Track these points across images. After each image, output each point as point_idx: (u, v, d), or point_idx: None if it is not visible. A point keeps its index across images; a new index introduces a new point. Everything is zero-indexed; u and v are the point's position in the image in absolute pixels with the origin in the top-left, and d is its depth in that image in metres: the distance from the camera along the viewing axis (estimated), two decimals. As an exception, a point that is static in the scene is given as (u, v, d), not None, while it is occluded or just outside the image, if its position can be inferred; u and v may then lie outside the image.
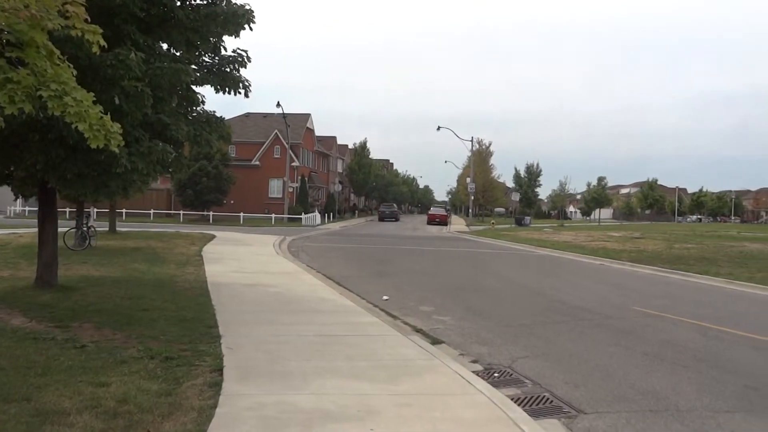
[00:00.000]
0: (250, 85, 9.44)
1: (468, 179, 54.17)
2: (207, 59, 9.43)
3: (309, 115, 58.74)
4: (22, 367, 5.36)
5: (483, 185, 61.90)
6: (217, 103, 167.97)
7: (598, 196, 73.84)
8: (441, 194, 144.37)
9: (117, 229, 24.08)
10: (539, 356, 7.20)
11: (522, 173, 73.13)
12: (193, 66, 9.01)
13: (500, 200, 76.09)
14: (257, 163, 51.58)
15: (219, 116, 9.81)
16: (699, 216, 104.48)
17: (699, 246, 25.30)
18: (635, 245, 26.15)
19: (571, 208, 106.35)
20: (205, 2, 8.83)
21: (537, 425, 4.69)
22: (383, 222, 56.20)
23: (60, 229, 10.76)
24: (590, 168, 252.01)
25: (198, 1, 8.82)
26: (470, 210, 58.69)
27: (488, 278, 15.71)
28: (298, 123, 54.64)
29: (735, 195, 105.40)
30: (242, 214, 43.43)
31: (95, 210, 30.92)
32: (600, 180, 77.02)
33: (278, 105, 43.86)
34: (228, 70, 9.32)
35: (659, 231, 40.28)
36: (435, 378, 5.79)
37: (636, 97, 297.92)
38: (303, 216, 43.94)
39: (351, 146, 78.49)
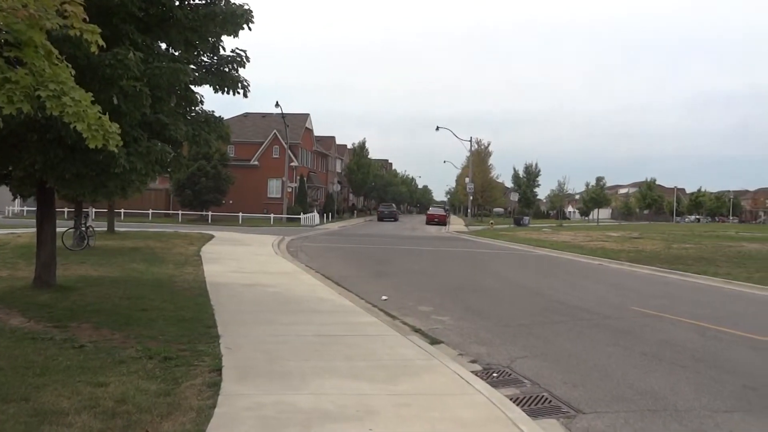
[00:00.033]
0: (249, 85, 9.44)
1: (467, 179, 54.21)
2: (206, 59, 9.43)
3: (308, 115, 58.76)
4: (21, 367, 5.35)
5: (482, 185, 61.90)
6: (216, 103, 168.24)
7: (597, 197, 73.93)
8: (440, 194, 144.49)
9: (115, 229, 24.06)
10: (538, 356, 7.21)
11: (521, 173, 73.20)
12: (192, 66, 9.00)
13: (499, 200, 76.04)
14: (256, 163, 51.58)
15: (218, 116, 9.80)
16: (697, 216, 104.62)
17: (697, 246, 25.33)
18: (634, 245, 26.17)
19: (570, 208, 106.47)
20: (204, 2, 8.82)
21: (536, 425, 4.69)
22: (382, 222, 56.20)
23: (58, 229, 10.76)
24: (590, 168, 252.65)
25: (197, 1, 8.81)
26: (469, 210, 58.69)
27: (487, 278, 15.72)
28: (297, 123, 54.65)
29: (733, 195, 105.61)
30: (241, 214, 43.40)
31: (93, 210, 30.92)
32: (598, 180, 77.15)
33: (277, 105, 43.83)
34: (227, 70, 9.31)
35: (657, 231, 40.31)
36: (434, 378, 5.79)
37: (636, 97, 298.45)
38: (302, 216, 43.91)
39: (350, 146, 78.49)
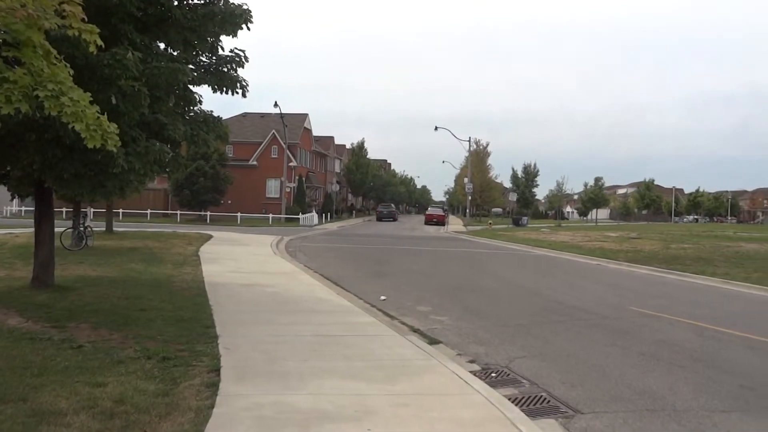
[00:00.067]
0: (248, 85, 9.44)
1: (465, 179, 54.23)
2: (204, 59, 9.43)
3: (306, 115, 58.75)
4: (19, 368, 5.34)
5: (480, 185, 61.93)
6: (215, 103, 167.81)
7: (595, 197, 73.97)
8: (438, 194, 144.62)
9: (114, 229, 24.03)
10: (536, 356, 7.22)
11: (519, 173, 73.27)
12: (191, 66, 8.99)
13: (498, 200, 76.10)
14: (254, 163, 51.54)
15: (216, 116, 9.79)
16: (695, 216, 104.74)
17: (695, 246, 25.36)
18: (632, 245, 26.20)
19: (569, 209, 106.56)
20: (203, 2, 8.82)
21: (534, 425, 4.70)
22: (381, 222, 56.22)
23: (57, 229, 10.76)
24: (589, 168, 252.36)
25: (195, 1, 8.81)
26: (468, 210, 58.69)
27: (485, 278, 15.73)
28: (296, 123, 54.63)
29: (731, 195, 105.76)
30: (239, 214, 43.37)
31: (92, 210, 30.89)
32: (597, 180, 77.18)
33: (276, 105, 43.80)
34: (225, 70, 9.31)
35: (656, 231, 40.35)
36: (432, 378, 5.79)
37: (635, 97, 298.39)
38: (300, 216, 43.89)
39: (349, 146, 78.49)
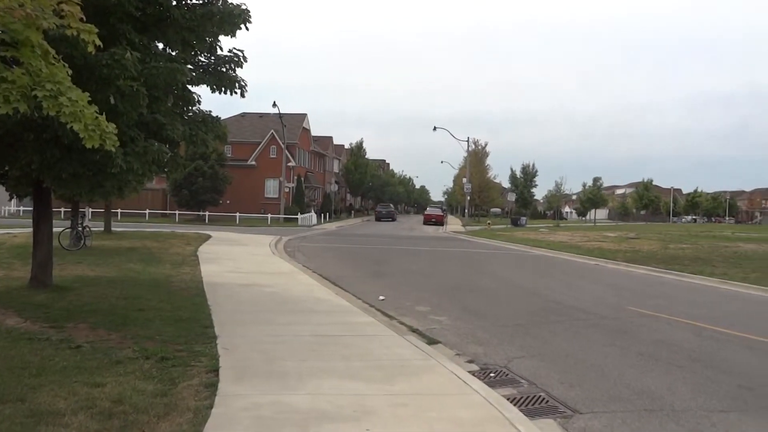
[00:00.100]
0: (247, 85, 9.44)
1: (464, 179, 54.25)
2: (203, 59, 9.42)
3: (305, 115, 58.74)
4: (17, 368, 5.33)
5: (479, 185, 61.96)
6: (213, 103, 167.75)
7: (594, 197, 74.07)
8: (437, 194, 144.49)
9: (112, 229, 24.01)
10: (535, 356, 7.22)
11: (518, 174, 73.35)
12: (189, 66, 8.99)
13: (496, 200, 76.18)
14: (253, 163, 51.52)
15: (215, 116, 9.79)
16: (694, 216, 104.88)
17: (694, 246, 25.40)
18: (630, 245, 26.23)
19: (567, 209, 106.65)
20: (201, 2, 8.81)
21: (533, 425, 4.70)
22: (380, 222, 56.22)
23: (55, 229, 10.73)
24: (589, 168, 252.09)
25: (194, 1, 8.80)
26: (466, 210, 58.72)
27: (484, 278, 15.74)
28: (295, 123, 54.62)
29: (729, 196, 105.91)
30: (238, 214, 43.33)
31: (90, 210, 30.84)
32: (595, 180, 77.34)
33: (274, 105, 43.85)
34: (224, 70, 9.31)
35: (654, 231, 40.40)
36: (431, 378, 5.79)
37: (635, 97, 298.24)
38: (299, 216, 43.88)
39: (347, 146, 78.50)
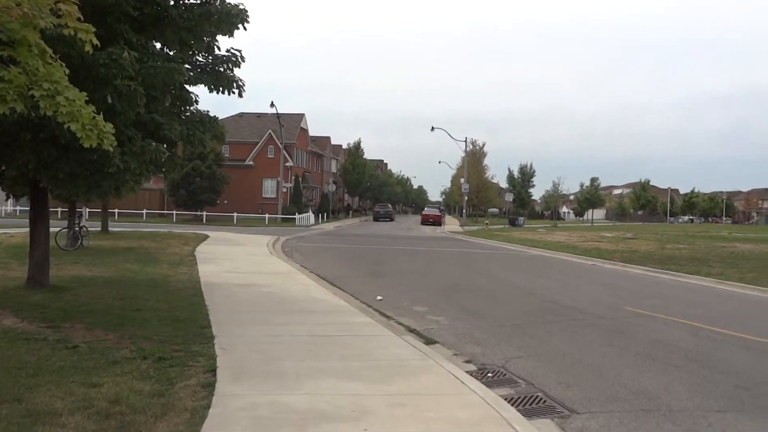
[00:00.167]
0: (244, 85, 9.42)
1: (462, 180, 54.29)
2: (201, 59, 9.40)
3: (303, 115, 58.71)
4: (14, 368, 5.32)
5: (477, 186, 62.02)
6: (211, 103, 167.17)
7: (591, 197, 74.23)
8: (435, 194, 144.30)
9: (109, 229, 23.97)
10: (532, 356, 7.23)
11: (515, 174, 73.41)
12: (187, 65, 8.98)
13: (494, 201, 76.25)
14: (251, 163, 51.46)
15: (212, 116, 9.77)
16: (691, 217, 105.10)
17: (691, 246, 25.45)
18: (628, 245, 26.27)
19: (565, 209, 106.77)
20: (199, 1, 8.80)
21: (530, 425, 4.70)
22: (378, 222, 56.24)
23: (52, 229, 10.71)
24: (588, 168, 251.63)
25: (192, 1, 8.79)
26: (464, 210, 58.77)
27: (482, 278, 15.75)
28: (292, 123, 54.59)
29: (726, 196, 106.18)
30: (236, 214, 43.29)
31: (87, 210, 30.77)
32: (593, 181, 77.53)
33: (272, 105, 43.81)
34: (222, 70, 9.29)
35: (651, 231, 40.48)
36: (429, 378, 5.79)
37: (635, 97, 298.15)
38: (297, 216, 43.86)
39: (345, 146, 78.45)
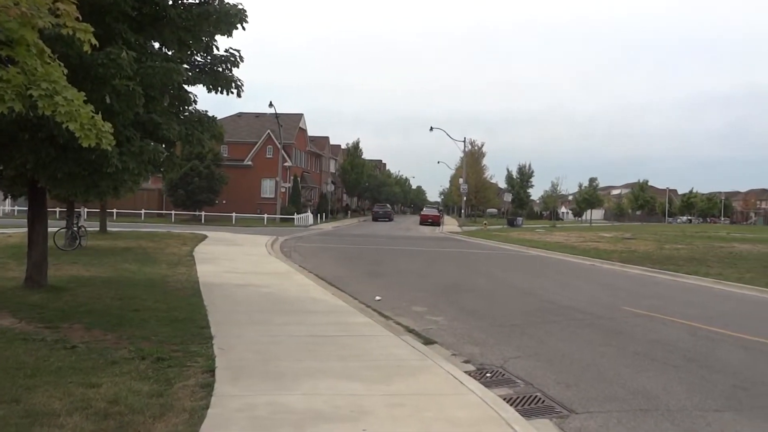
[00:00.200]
0: (243, 85, 9.41)
1: (460, 180, 54.33)
2: (199, 59, 9.39)
3: (302, 115, 58.71)
4: (11, 369, 5.31)
5: (475, 186, 62.10)
6: (209, 103, 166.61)
7: (590, 197, 74.33)
8: (433, 195, 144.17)
9: (108, 229, 23.94)
10: (531, 356, 7.23)
11: (514, 174, 73.50)
12: (185, 65, 8.97)
13: (493, 201, 76.29)
14: (249, 163, 51.44)
15: (211, 116, 9.76)
16: (689, 217, 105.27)
17: (689, 246, 25.50)
18: (626, 246, 26.31)
19: (563, 209, 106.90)
20: (198, 1, 8.79)
21: (529, 425, 4.70)
22: (376, 222, 56.29)
23: (50, 229, 10.69)
24: (588, 168, 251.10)
25: (190, 1, 8.78)
26: (462, 210, 58.83)
27: (480, 279, 15.75)
28: (291, 123, 54.57)
29: (724, 196, 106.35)
30: (234, 215, 43.26)
31: (85, 210, 30.73)
32: (591, 181, 77.66)
33: (271, 105, 43.82)
34: (220, 70, 9.28)
35: (650, 232, 40.55)
36: (427, 378, 5.79)
37: (635, 97, 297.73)
38: (295, 216, 43.84)
39: (344, 146, 78.45)
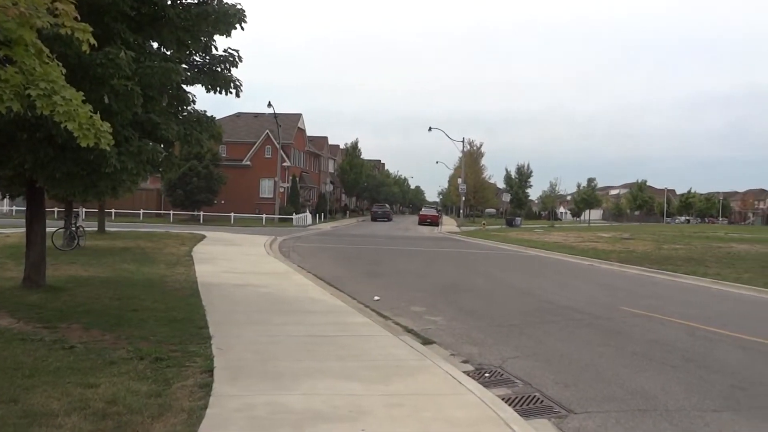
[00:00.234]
0: (242, 85, 9.40)
1: (459, 180, 54.32)
2: (198, 58, 9.38)
3: (300, 115, 58.69)
4: (10, 369, 5.30)
5: (474, 186, 62.10)
6: (208, 103, 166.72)
7: (588, 197, 74.35)
8: (432, 195, 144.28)
9: (106, 229, 23.90)
10: (529, 356, 7.24)
11: (513, 174, 73.53)
12: (184, 65, 8.95)
13: (491, 201, 76.37)
14: (248, 163, 51.42)
15: (210, 116, 9.75)
16: (687, 217, 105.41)
17: (687, 247, 25.53)
18: (625, 246, 26.34)
19: (562, 209, 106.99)
20: (196, 1, 8.79)
21: (528, 425, 4.71)
22: (375, 222, 56.32)
23: (48, 229, 10.68)
24: (588, 168, 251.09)
25: (189, 1, 8.78)
26: (461, 211, 58.79)
27: (479, 279, 15.76)
28: (290, 123, 54.55)
29: (723, 196, 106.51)
30: (233, 215, 43.24)
31: (84, 210, 30.71)
32: (590, 181, 77.69)
33: (269, 105, 43.78)
34: (219, 70, 9.27)
35: (648, 232, 40.59)
36: (426, 378, 5.80)
37: (635, 97, 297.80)
38: (294, 216, 43.83)
39: (342, 146, 78.44)
